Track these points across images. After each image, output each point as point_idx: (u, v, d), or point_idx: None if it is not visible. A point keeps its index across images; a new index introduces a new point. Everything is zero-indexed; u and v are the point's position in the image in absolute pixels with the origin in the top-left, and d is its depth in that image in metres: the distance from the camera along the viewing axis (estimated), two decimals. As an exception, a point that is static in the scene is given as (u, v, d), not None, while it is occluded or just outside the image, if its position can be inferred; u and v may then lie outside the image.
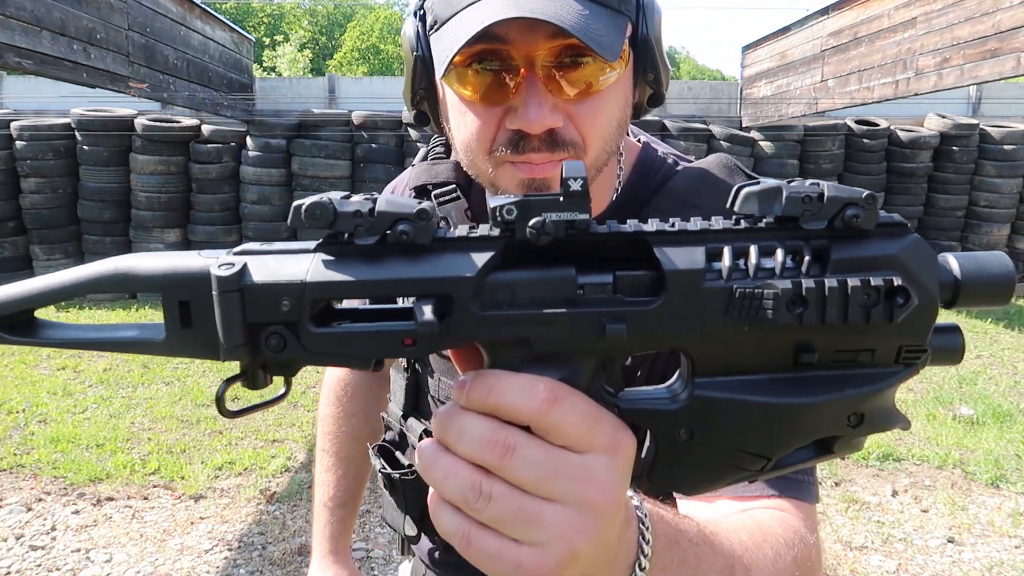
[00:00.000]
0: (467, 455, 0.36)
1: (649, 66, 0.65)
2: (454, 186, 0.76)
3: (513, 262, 0.37)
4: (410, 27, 0.66)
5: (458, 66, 0.59)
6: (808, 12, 6.88)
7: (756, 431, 0.38)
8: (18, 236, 7.88)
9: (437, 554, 0.77)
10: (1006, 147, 8.20)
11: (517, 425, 0.36)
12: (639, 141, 0.74)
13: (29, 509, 3.13)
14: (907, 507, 3.20)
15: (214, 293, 0.36)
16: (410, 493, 0.73)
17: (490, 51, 0.58)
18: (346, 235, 0.37)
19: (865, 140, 8.02)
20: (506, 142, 0.61)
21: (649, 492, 0.41)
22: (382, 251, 0.37)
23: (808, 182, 0.37)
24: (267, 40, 30.00)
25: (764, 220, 0.37)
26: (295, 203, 0.38)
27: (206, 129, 7.73)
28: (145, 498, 3.25)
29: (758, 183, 0.37)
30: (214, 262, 0.37)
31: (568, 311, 0.36)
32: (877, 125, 8.11)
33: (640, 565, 0.41)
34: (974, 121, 8.30)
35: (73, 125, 7.73)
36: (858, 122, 8.12)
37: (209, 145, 7.71)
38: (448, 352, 0.41)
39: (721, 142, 7.93)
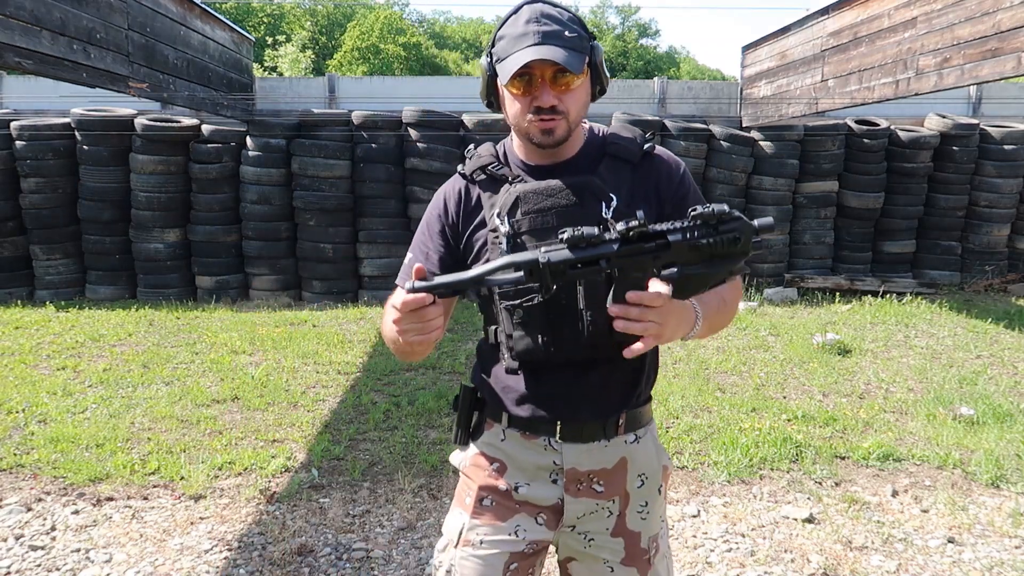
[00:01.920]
0: (636, 317, 1.10)
1: (596, 77, 1.32)
2: (495, 158, 1.38)
3: (624, 242, 1.09)
4: (485, 59, 1.32)
5: (512, 80, 1.24)
6: (808, 12, 6.87)
7: (704, 279, 1.12)
8: (18, 236, 7.88)
9: (545, 356, 1.31)
10: (1006, 147, 8.20)
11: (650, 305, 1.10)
12: (587, 124, 1.41)
13: (29, 509, 3.13)
14: (907, 507, 3.20)
15: (540, 266, 1.08)
16: (541, 317, 1.27)
17: (525, 72, 1.23)
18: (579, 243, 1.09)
19: (865, 140, 8.01)
20: (532, 111, 1.26)
21: (680, 297, 1.17)
22: (588, 247, 1.09)
23: (712, 207, 1.08)
24: (269, 40, 29.98)
25: (697, 222, 1.09)
26: (567, 232, 1.08)
27: (206, 129, 7.73)
28: (145, 498, 3.25)
29: (703, 207, 1.08)
30: (540, 255, 1.08)
31: (644, 256, 1.10)
32: (877, 125, 8.11)
33: (697, 319, 1.21)
34: (974, 121, 8.30)
35: (73, 125, 7.73)
36: (858, 122, 8.11)
37: (209, 145, 7.71)
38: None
39: (721, 142, 7.93)
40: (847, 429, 4.08)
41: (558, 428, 1.32)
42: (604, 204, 1.28)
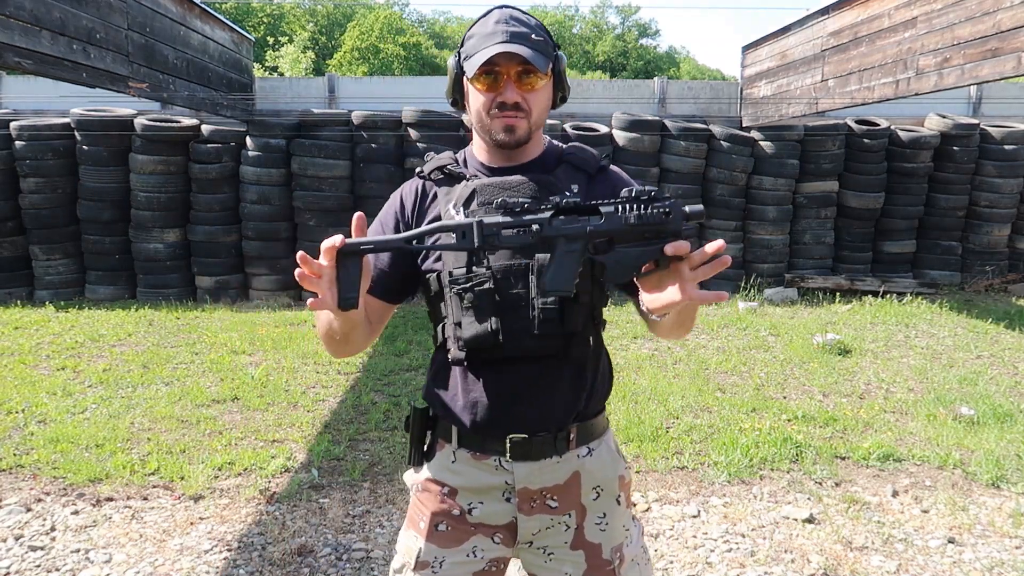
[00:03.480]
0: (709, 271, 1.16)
1: (558, 84, 1.36)
2: (454, 160, 1.41)
3: (559, 213, 1.14)
4: (453, 58, 1.36)
5: (478, 75, 1.28)
6: (808, 12, 6.87)
7: (636, 259, 1.14)
8: (17, 236, 7.88)
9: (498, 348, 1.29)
10: (1006, 147, 8.20)
11: None
12: (546, 137, 1.46)
13: (28, 509, 3.13)
14: (907, 507, 3.20)
15: (472, 226, 1.13)
16: (490, 303, 1.26)
17: (491, 69, 1.27)
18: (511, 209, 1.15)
19: (865, 140, 8.01)
20: (496, 107, 1.29)
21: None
22: (523, 213, 1.15)
23: (645, 187, 1.13)
24: (270, 39, 29.95)
25: (633, 198, 1.13)
26: (502, 198, 1.19)
27: (206, 129, 7.73)
28: (145, 498, 3.25)
29: (633, 187, 1.14)
30: (475, 221, 1.12)
31: (577, 227, 1.13)
32: (877, 125, 8.10)
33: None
34: (974, 121, 8.30)
35: (72, 125, 7.72)
36: (858, 122, 8.11)
37: (209, 145, 7.71)
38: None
39: (721, 142, 7.93)
40: (847, 429, 4.08)
41: (508, 446, 1.31)
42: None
